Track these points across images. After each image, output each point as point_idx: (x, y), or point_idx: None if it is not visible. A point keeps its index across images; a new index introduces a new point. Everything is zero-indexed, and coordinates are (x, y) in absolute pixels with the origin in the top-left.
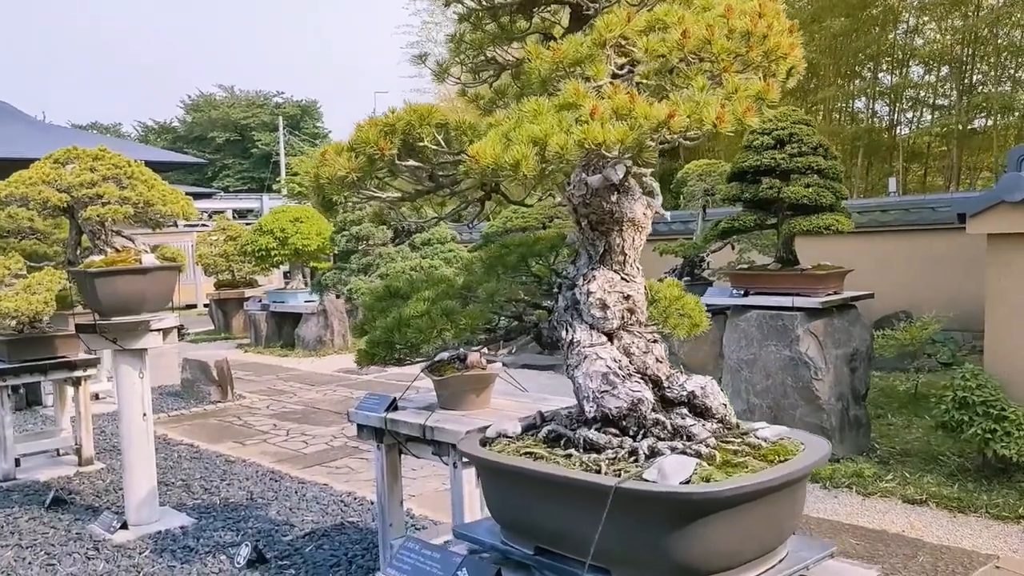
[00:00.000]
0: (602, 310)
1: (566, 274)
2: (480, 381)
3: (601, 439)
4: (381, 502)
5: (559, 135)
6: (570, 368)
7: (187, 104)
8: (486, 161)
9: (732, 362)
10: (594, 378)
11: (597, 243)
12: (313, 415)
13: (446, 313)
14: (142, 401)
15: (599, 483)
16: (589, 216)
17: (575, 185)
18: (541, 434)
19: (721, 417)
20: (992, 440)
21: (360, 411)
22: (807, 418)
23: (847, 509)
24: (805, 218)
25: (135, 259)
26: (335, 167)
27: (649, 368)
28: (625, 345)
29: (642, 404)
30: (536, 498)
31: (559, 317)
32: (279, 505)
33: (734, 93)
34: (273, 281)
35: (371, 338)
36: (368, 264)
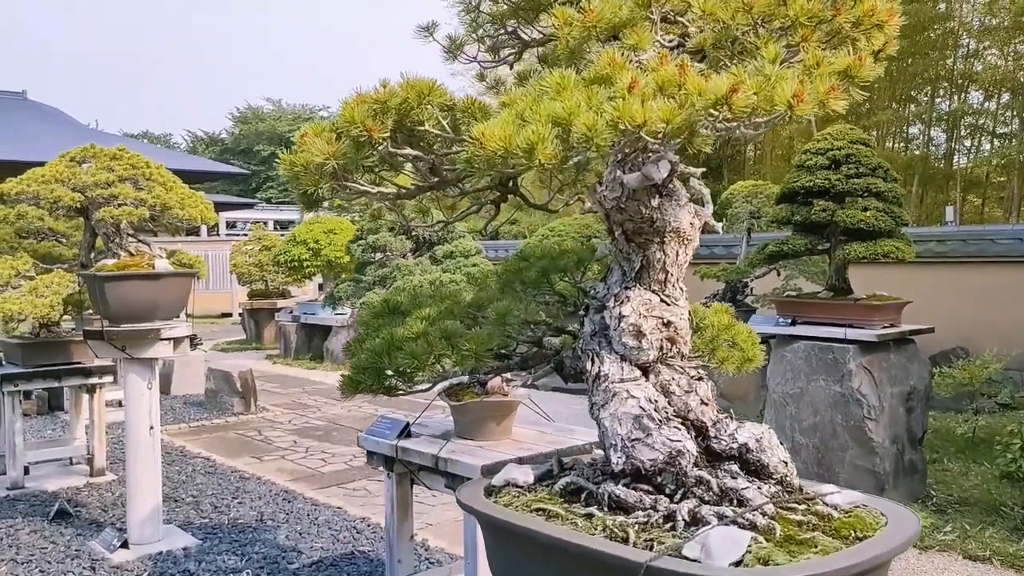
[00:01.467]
0: (636, 338)
1: (594, 293)
2: (501, 408)
3: (630, 497)
4: (389, 536)
5: (587, 114)
6: (595, 407)
7: (235, 116)
8: (493, 145)
9: (776, 396)
10: (624, 422)
11: (633, 257)
12: (335, 432)
13: (447, 335)
14: (149, 413)
15: (625, 557)
16: (624, 224)
17: (608, 185)
18: (558, 486)
19: (780, 477)
20: None
21: (370, 436)
22: (857, 461)
23: (902, 564)
24: (861, 244)
25: (148, 264)
26: (312, 152)
27: (692, 411)
28: (663, 382)
29: (682, 457)
30: (547, 567)
31: (584, 344)
32: (289, 528)
33: (815, 68)
34: (307, 292)
35: (356, 362)
36: (384, 276)
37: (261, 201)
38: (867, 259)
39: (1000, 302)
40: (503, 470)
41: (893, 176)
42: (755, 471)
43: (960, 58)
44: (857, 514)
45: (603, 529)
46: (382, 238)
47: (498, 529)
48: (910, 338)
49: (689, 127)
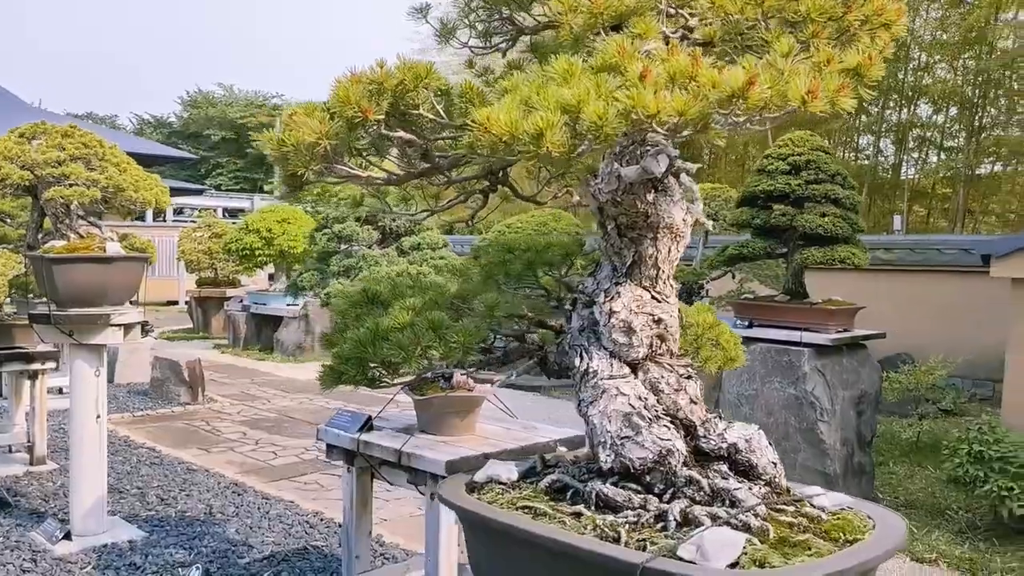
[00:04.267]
0: (627, 335)
1: (582, 288)
2: (465, 404)
3: (619, 496)
4: (347, 531)
5: (596, 103)
6: (583, 404)
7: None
8: (499, 130)
9: (731, 397)
10: (613, 419)
11: (624, 252)
12: (286, 424)
13: (434, 327)
14: (96, 402)
15: (619, 558)
16: (618, 218)
17: (604, 178)
18: (543, 483)
19: (769, 478)
20: (1009, 498)
21: (331, 429)
22: (808, 463)
23: None
24: (819, 249)
25: (99, 247)
26: (303, 131)
27: (681, 410)
28: (652, 380)
29: (671, 456)
30: (533, 566)
31: (572, 340)
32: (239, 522)
33: (825, 65)
34: (257, 282)
35: (339, 352)
36: (350, 267)
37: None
38: (824, 264)
39: (944, 310)
40: (486, 466)
41: (851, 183)
42: (744, 472)
43: (911, 71)
44: (845, 516)
45: (593, 528)
46: (348, 228)
47: (482, 527)
48: (862, 343)
49: (703, 119)
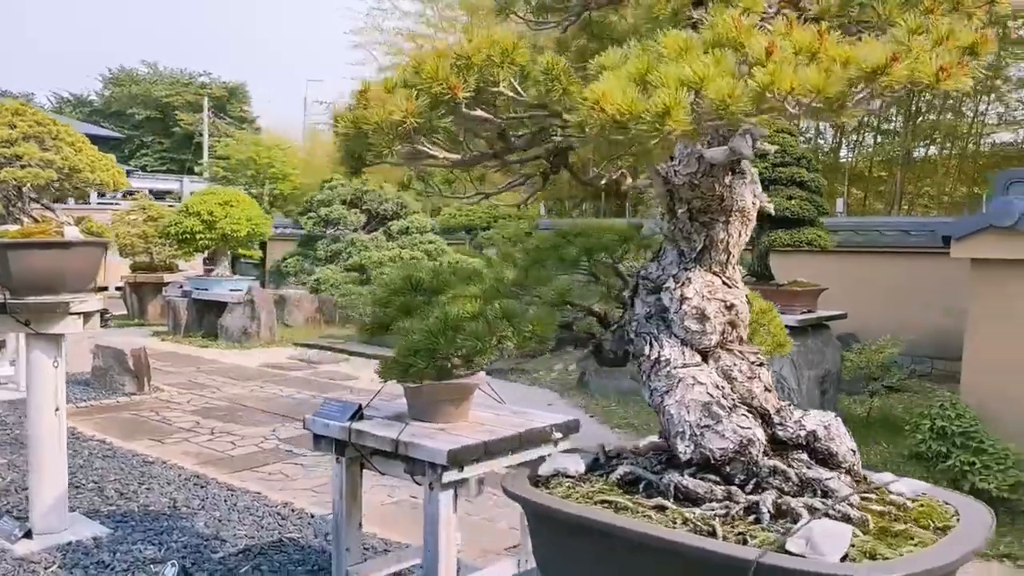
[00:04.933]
0: (700, 322)
1: (646, 274)
2: (460, 391)
3: (700, 488)
4: (337, 523)
5: (722, 79)
6: (655, 393)
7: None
8: (613, 109)
9: None
10: (692, 409)
11: (695, 237)
12: (240, 413)
13: (507, 316)
14: (55, 394)
15: (732, 555)
16: (692, 202)
17: (683, 161)
18: (614, 476)
19: (849, 466)
20: (970, 473)
21: (319, 419)
22: None
23: None
24: (787, 231)
25: (56, 231)
26: (389, 109)
27: (755, 398)
28: (725, 367)
29: (752, 446)
30: (620, 564)
31: (639, 327)
32: (207, 516)
33: (944, 41)
34: (195, 267)
35: (407, 345)
36: (337, 252)
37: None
38: (791, 246)
39: (890, 291)
40: (549, 459)
41: (815, 167)
42: (823, 460)
43: None
44: (927, 503)
45: (683, 523)
46: (335, 211)
47: (556, 522)
48: (826, 323)
49: (841, 99)
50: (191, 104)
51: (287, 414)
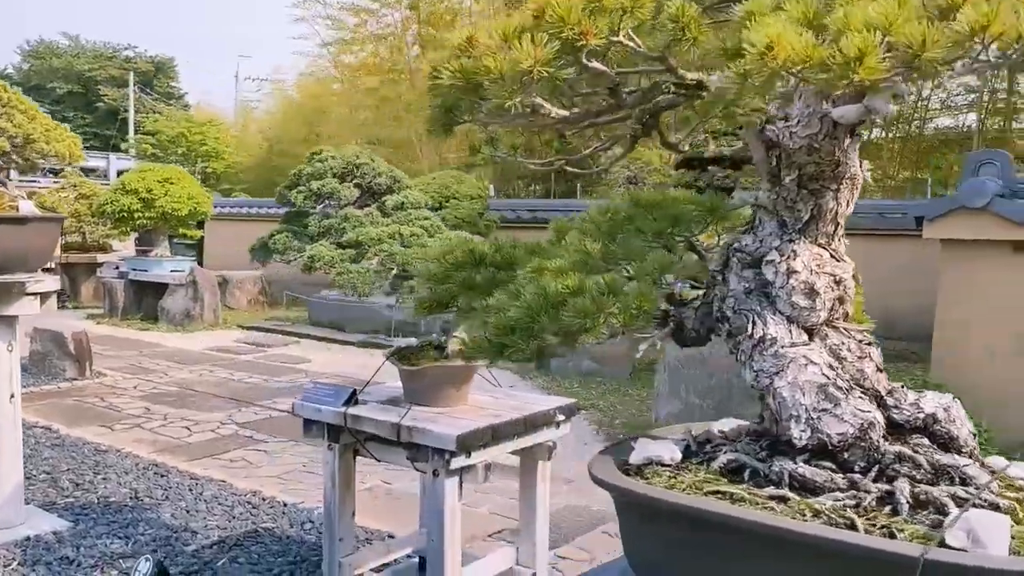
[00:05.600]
0: (809, 298)
1: (739, 246)
2: (464, 373)
3: (818, 476)
4: (330, 512)
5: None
6: (762, 375)
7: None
8: (788, 54)
9: (672, 359)
10: (807, 391)
11: (800, 206)
12: (192, 398)
13: (612, 290)
14: (10, 379)
15: (894, 551)
16: (805, 167)
17: (803, 121)
18: (717, 464)
19: (971, 450)
20: None
21: (308, 403)
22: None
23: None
24: None
25: (10, 206)
26: (516, 57)
27: (867, 379)
28: (833, 346)
29: (873, 430)
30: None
31: (737, 304)
32: (172, 506)
33: None
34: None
35: (500, 323)
36: (330, 227)
37: None
38: None
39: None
40: (639, 447)
41: None
42: (943, 444)
43: None
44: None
45: (814, 515)
46: (328, 185)
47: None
48: None
49: None
50: (115, 79)
51: (241, 399)
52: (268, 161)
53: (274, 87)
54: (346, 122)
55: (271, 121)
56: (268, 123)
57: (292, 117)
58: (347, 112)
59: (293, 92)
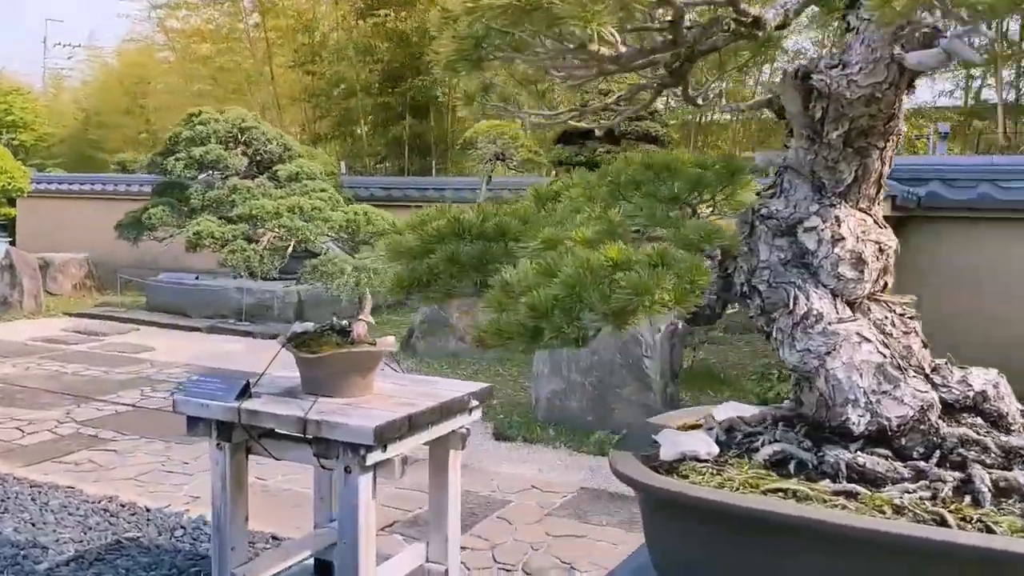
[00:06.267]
0: (857, 269)
1: (768, 212)
2: (370, 360)
3: (879, 466)
4: (220, 518)
5: None
6: (809, 355)
7: None
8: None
9: None
10: (864, 372)
11: (843, 166)
12: (19, 395)
13: (664, 263)
14: None
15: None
16: (858, 121)
17: (866, 68)
18: (761, 456)
19: (1020, 427)
20: None
21: (192, 398)
22: (634, 397)
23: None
24: None
25: None
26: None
27: (914, 356)
28: (877, 321)
29: (932, 411)
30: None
31: (774, 276)
32: (15, 519)
33: None
34: None
35: (536, 303)
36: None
37: None
38: None
39: None
40: (667, 440)
41: (665, 122)
42: (993, 423)
43: None
44: None
45: (895, 511)
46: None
47: (727, 520)
48: None
49: None
50: None
51: (79, 393)
52: (84, 133)
53: (90, 54)
54: (178, 92)
55: (87, 91)
56: (84, 93)
57: (112, 87)
58: (180, 82)
59: (113, 60)
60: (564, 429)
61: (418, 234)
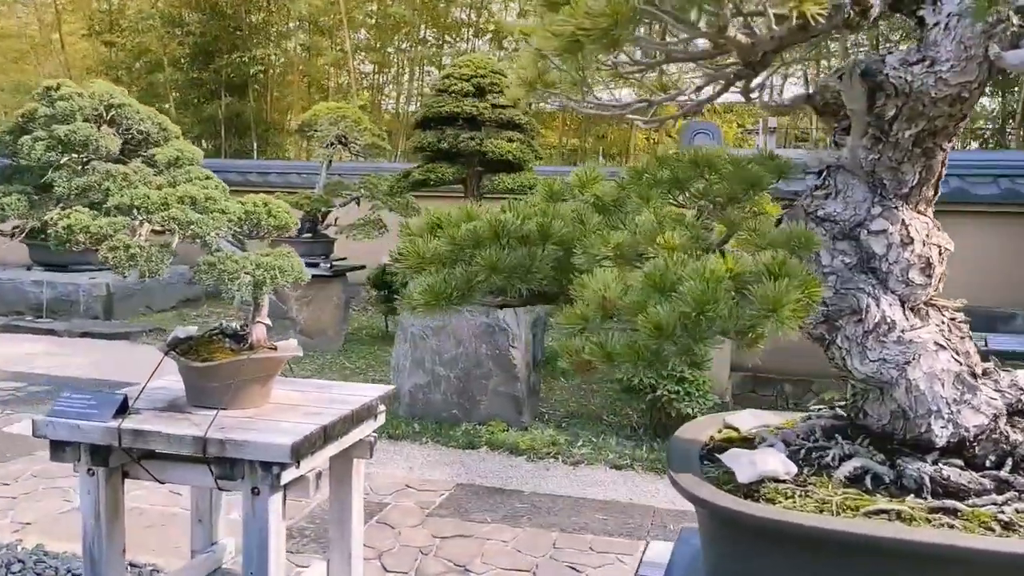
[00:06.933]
0: (925, 274)
1: (824, 214)
2: (271, 367)
3: (963, 478)
4: (92, 552)
5: None
6: (886, 365)
7: None
8: None
9: (416, 330)
10: (946, 381)
11: (907, 167)
12: None
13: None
14: None
15: None
16: (934, 121)
17: (958, 65)
18: (842, 473)
19: None
20: (676, 400)
21: (61, 419)
22: (500, 387)
23: (568, 481)
24: (510, 175)
25: None
26: None
27: (972, 361)
28: (938, 327)
29: (1001, 419)
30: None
31: (840, 283)
32: None
33: None
34: None
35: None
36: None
37: None
38: (514, 190)
39: None
40: (738, 461)
41: (526, 109)
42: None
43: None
44: None
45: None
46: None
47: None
48: None
49: None
50: None
51: None
52: None
53: None
54: None
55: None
56: None
57: None
58: None
59: None
60: (429, 424)
61: (448, 238)
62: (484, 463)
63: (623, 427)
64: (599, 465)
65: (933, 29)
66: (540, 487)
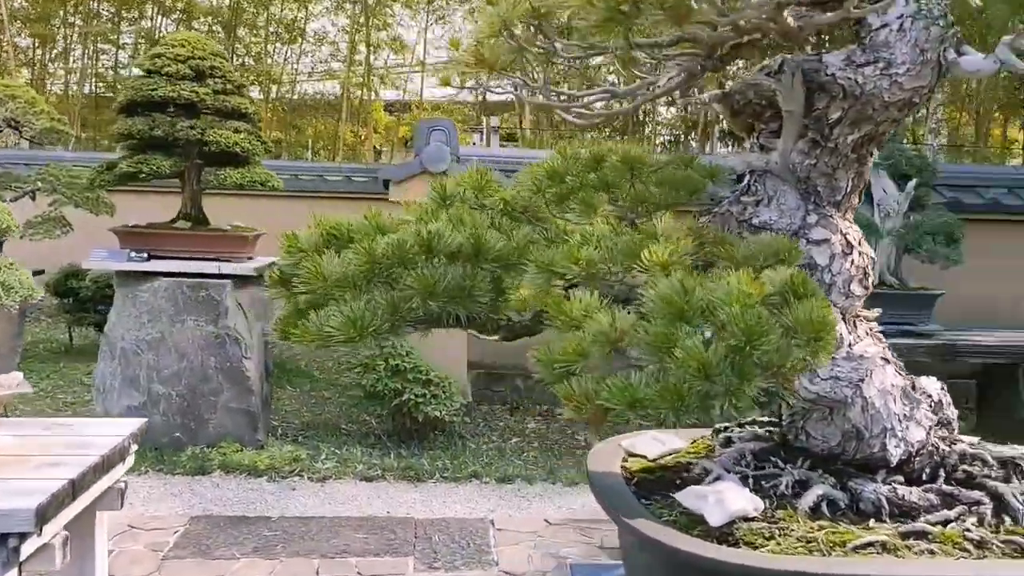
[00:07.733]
0: (863, 285)
1: (759, 222)
2: None
3: (913, 495)
4: None
5: None
6: (839, 384)
7: None
8: None
9: (128, 344)
10: (896, 397)
11: (840, 174)
12: None
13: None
14: None
15: None
16: (878, 125)
17: (913, 69)
18: (806, 503)
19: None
20: (423, 403)
21: None
22: (232, 403)
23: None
24: (237, 169)
25: None
26: None
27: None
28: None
29: (932, 431)
30: None
31: None
32: None
33: None
34: None
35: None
36: None
37: None
38: (242, 187)
39: None
40: (712, 501)
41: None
42: (948, 429)
43: None
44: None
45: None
46: None
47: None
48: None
49: None
50: None
51: None
52: None
53: None
54: None
55: None
56: None
57: None
58: None
59: None
60: (147, 450)
61: (362, 254)
62: (220, 489)
63: (366, 435)
64: (348, 479)
65: (882, 30)
66: (289, 510)
